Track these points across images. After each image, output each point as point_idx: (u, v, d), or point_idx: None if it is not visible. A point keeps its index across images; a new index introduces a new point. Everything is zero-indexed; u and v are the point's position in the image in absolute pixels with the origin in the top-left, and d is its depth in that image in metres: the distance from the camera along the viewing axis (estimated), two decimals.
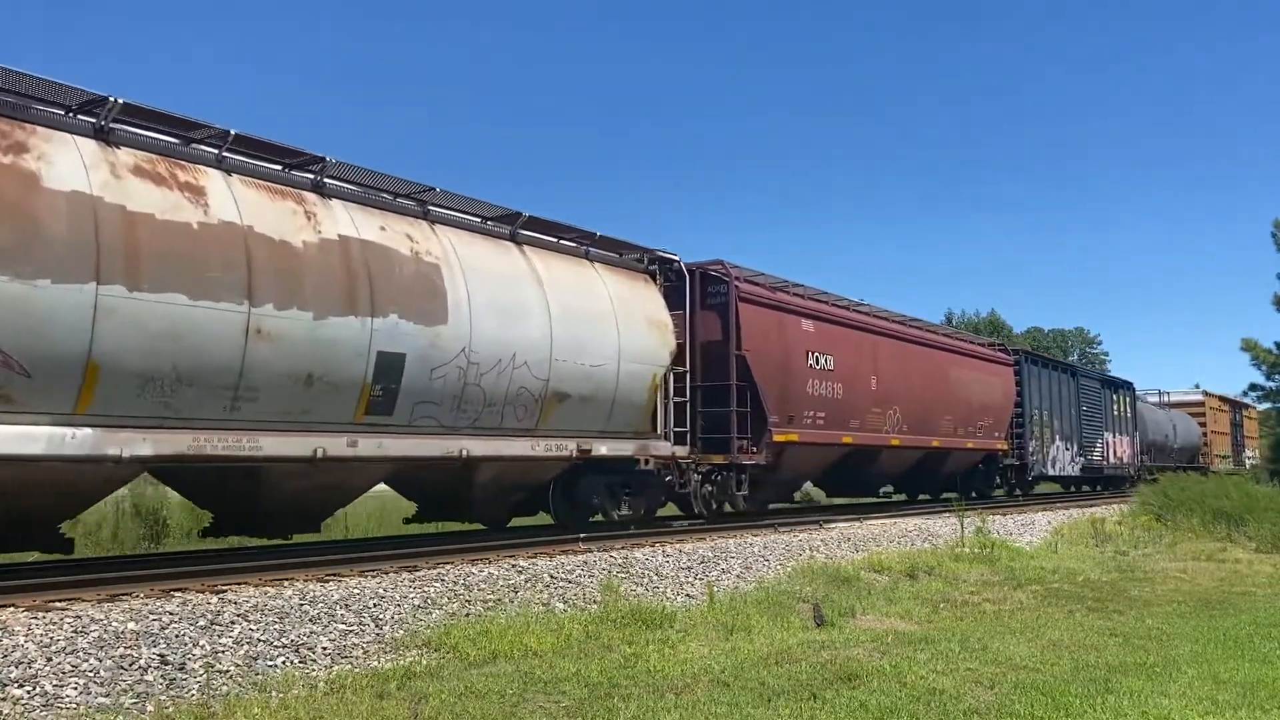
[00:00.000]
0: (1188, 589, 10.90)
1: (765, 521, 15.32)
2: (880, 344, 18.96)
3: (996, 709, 5.44)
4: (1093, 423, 29.60)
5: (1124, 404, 33.09)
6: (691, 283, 14.69)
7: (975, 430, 22.22)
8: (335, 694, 5.48)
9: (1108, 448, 30.99)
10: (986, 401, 22.83)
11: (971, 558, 12.73)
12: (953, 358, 21.81)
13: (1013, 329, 67.01)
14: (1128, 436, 33.05)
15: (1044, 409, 25.88)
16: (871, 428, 18.02)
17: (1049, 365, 27.75)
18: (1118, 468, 32.13)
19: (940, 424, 20.64)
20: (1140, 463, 34.26)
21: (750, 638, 7.38)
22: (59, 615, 6.33)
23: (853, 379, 17.39)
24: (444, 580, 8.48)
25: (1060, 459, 26.94)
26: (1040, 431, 25.53)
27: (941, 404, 20.71)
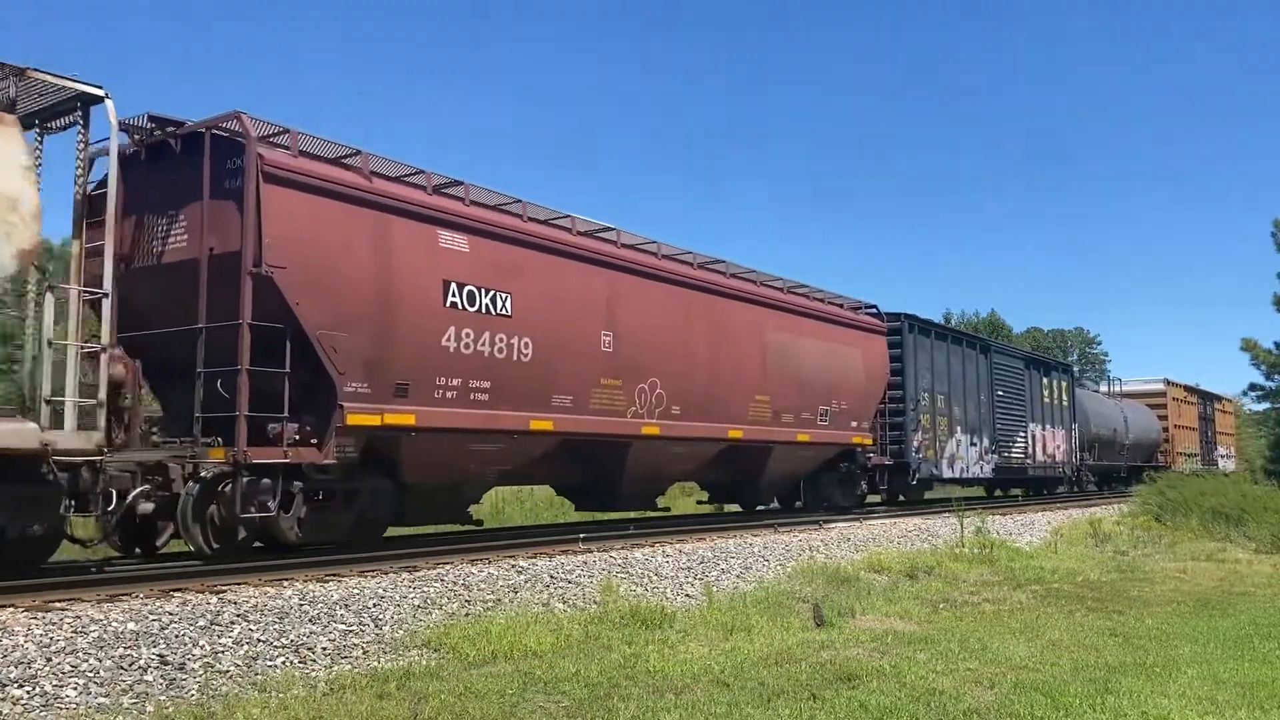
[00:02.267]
0: (1187, 589, 10.91)
1: (765, 521, 15.32)
2: (624, 287, 12.80)
3: (996, 709, 5.44)
4: (1012, 412, 24.56)
5: (1058, 390, 27.72)
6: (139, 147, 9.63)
7: (817, 418, 16.65)
8: (335, 694, 5.48)
9: (1033, 443, 25.75)
10: (837, 380, 17.22)
11: (971, 558, 12.74)
12: (772, 316, 15.77)
13: (1013, 329, 67.01)
14: (1062, 430, 27.80)
15: (939, 393, 20.72)
16: (604, 409, 12.37)
17: (947, 337, 22.04)
18: (1047, 467, 26.88)
19: (747, 408, 15.01)
20: (1080, 461, 29.40)
21: (750, 638, 7.39)
22: (59, 615, 6.33)
23: (557, 333, 11.65)
24: (444, 580, 8.49)
25: (963, 457, 21.70)
26: (933, 422, 20.41)
27: (749, 380, 15.07)
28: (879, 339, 19.04)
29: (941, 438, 20.88)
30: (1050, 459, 26.89)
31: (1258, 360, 31.36)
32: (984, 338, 25.06)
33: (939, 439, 20.70)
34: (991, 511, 18.25)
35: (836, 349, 17.49)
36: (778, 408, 15.77)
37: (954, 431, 21.47)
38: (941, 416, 20.93)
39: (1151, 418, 36.34)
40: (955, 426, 21.50)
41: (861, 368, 18.19)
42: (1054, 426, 27.28)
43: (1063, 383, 28.43)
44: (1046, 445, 26.63)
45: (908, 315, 20.10)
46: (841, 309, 18.21)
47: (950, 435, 21.28)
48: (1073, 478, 29.21)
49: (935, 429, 20.55)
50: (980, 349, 23.60)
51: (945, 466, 20.96)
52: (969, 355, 22.68)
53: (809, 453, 17.13)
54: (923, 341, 20.57)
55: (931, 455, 20.33)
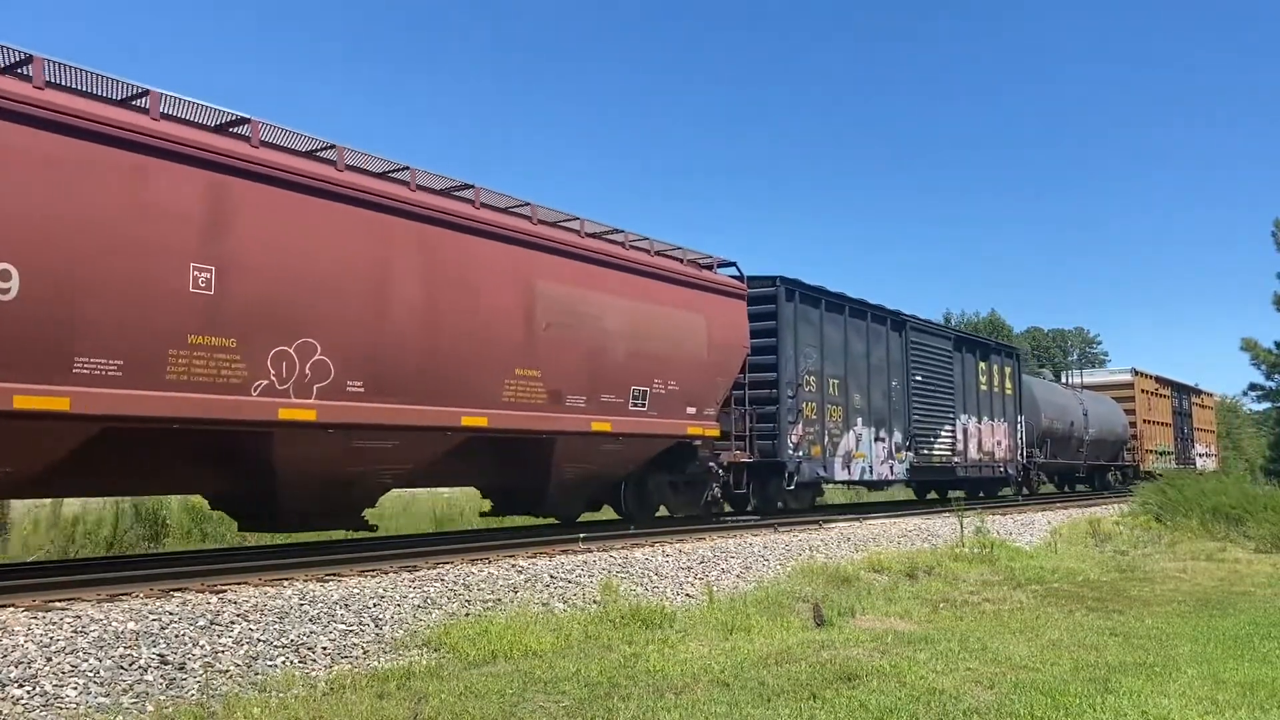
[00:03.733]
0: (1187, 589, 10.91)
1: (765, 521, 15.32)
2: (247, 201, 8.59)
3: (996, 709, 5.44)
4: (935, 402, 20.63)
5: (999, 377, 23.92)
6: None
7: (629, 401, 12.60)
8: (335, 694, 5.48)
9: (965, 438, 21.84)
10: (664, 352, 13.08)
11: (971, 557, 12.74)
12: (550, 262, 11.48)
13: (1013, 329, 66.99)
14: (1004, 423, 23.94)
15: (831, 376, 16.97)
16: (200, 382, 8.18)
17: (844, 309, 17.69)
18: (984, 466, 22.83)
19: (500, 386, 10.76)
20: (1027, 460, 25.48)
21: (750, 638, 7.39)
22: (59, 615, 6.33)
23: (78, 266, 7.46)
24: (444, 580, 8.48)
25: (865, 454, 17.80)
26: (821, 412, 16.51)
27: (504, 347, 10.81)
28: (735, 304, 14.65)
29: (834, 431, 16.85)
30: (988, 457, 22.96)
31: (1258, 360, 31.36)
32: (896, 310, 19.58)
33: (829, 433, 16.72)
34: (991, 511, 18.25)
35: (663, 313, 13.17)
36: (557, 386, 11.50)
37: (852, 424, 17.49)
38: (834, 405, 16.97)
39: (1117, 411, 32.88)
40: (854, 418, 17.57)
41: (705, 339, 13.86)
42: (994, 419, 23.35)
43: (1006, 368, 24.43)
44: (983, 441, 22.70)
45: (786, 279, 16.18)
46: (678, 263, 13.82)
47: (847, 428, 17.27)
48: (1019, 478, 25.13)
49: (824, 420, 16.58)
50: (892, 325, 19.39)
51: (838, 466, 16.92)
52: (875, 332, 18.65)
53: (618, 447, 12.67)
54: (807, 312, 16.57)
55: (818, 453, 16.28)
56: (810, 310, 16.77)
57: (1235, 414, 67.25)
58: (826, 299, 17.23)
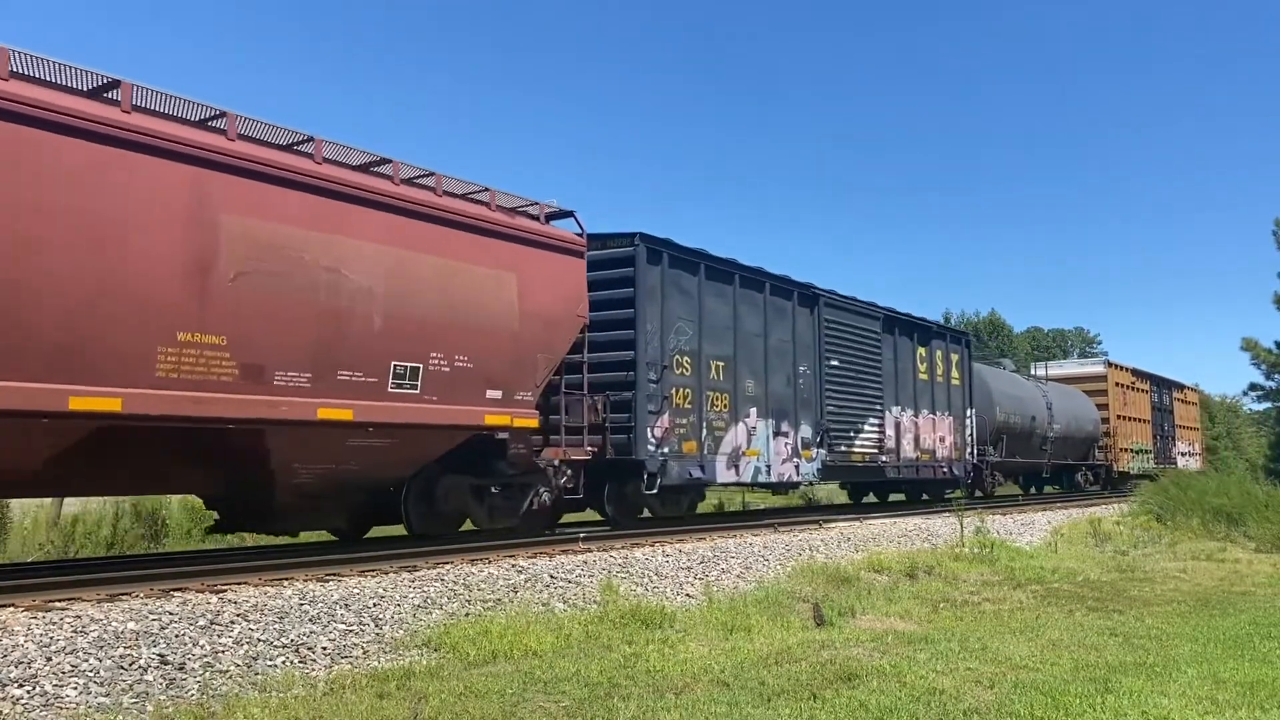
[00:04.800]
0: (1187, 589, 10.91)
1: (765, 521, 15.31)
2: None
3: (996, 709, 5.44)
4: (858, 391, 17.89)
5: (944, 366, 21.26)
6: None
7: (389, 381, 9.65)
8: (335, 694, 5.48)
9: (897, 434, 19.19)
10: (448, 318, 10.18)
11: (971, 557, 12.74)
12: (246, 189, 8.67)
13: (1013, 329, 66.99)
14: (949, 417, 21.27)
15: (714, 357, 14.31)
16: None
17: (733, 279, 14.96)
18: (923, 466, 20.20)
19: (152, 356, 7.99)
20: (979, 459, 22.96)
21: (750, 637, 7.39)
22: (59, 615, 6.33)
23: None
24: (444, 580, 8.49)
25: (760, 451, 15.10)
26: (698, 400, 13.85)
27: (158, 302, 8.02)
28: (568, 264, 11.72)
29: (715, 423, 14.21)
30: (928, 455, 20.34)
31: (1258, 360, 31.32)
32: (806, 284, 16.75)
33: (710, 425, 14.08)
34: (991, 511, 18.26)
35: (447, 268, 10.17)
36: (256, 359, 8.64)
37: (742, 415, 14.81)
38: (717, 392, 14.33)
39: (1087, 405, 30.27)
40: (746, 408, 14.92)
41: (514, 304, 10.84)
42: (936, 412, 20.75)
43: (953, 355, 21.74)
44: (921, 437, 20.15)
45: (649, 236, 13.43)
46: (480, 206, 10.71)
47: (734, 420, 14.63)
48: (967, 478, 22.46)
49: (702, 410, 13.92)
50: (800, 299, 16.54)
51: (721, 465, 14.25)
52: (777, 307, 15.93)
53: (377, 442, 9.66)
54: (680, 280, 13.92)
55: (692, 449, 13.68)
56: (686, 278, 14.09)
57: (1235, 414, 67.28)
58: (708, 265, 14.52)
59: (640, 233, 13.39)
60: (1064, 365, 34.96)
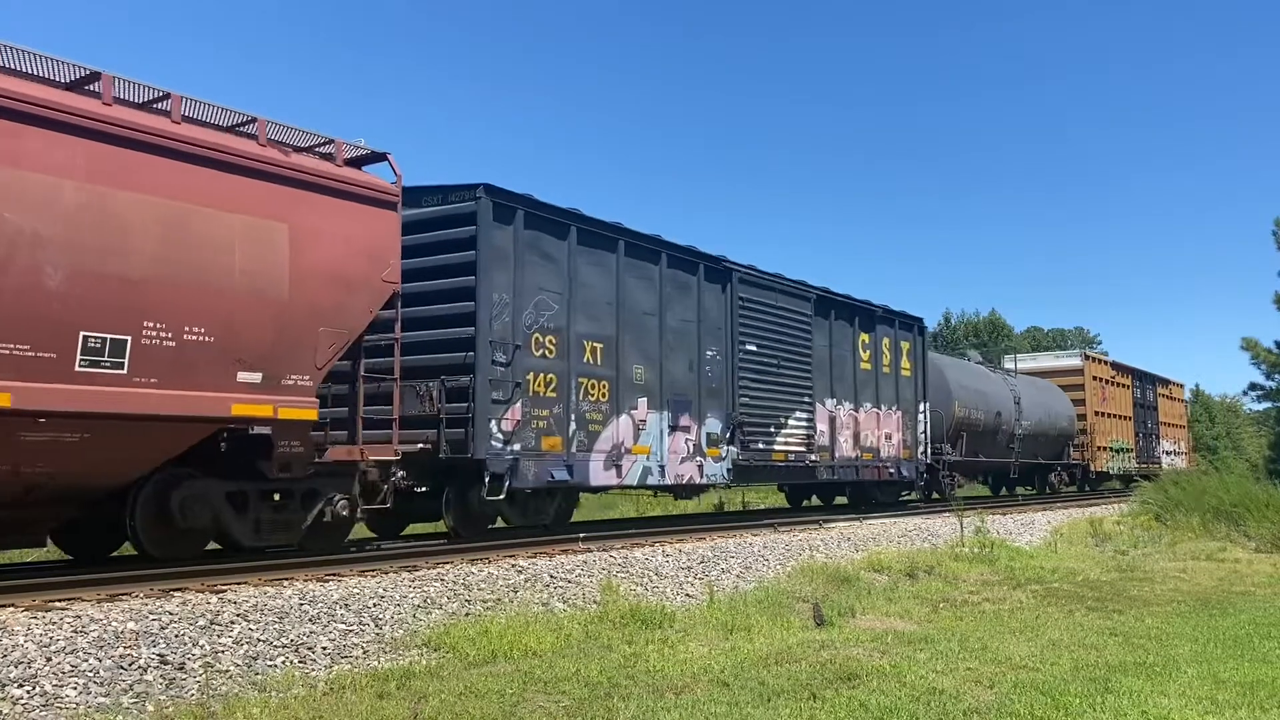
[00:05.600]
0: (1187, 589, 10.91)
1: (765, 521, 15.33)
2: None
3: (996, 709, 5.44)
4: (779, 381, 15.61)
5: (891, 354, 19.13)
6: None
7: (93, 359, 7.51)
8: (335, 694, 5.49)
9: (831, 430, 16.98)
10: (167, 276, 7.94)
11: (971, 557, 12.76)
12: None
13: (1013, 329, 67.03)
14: (897, 411, 19.12)
15: (588, 338, 12.15)
16: None
17: (611, 245, 12.74)
18: (865, 466, 17.96)
19: None
20: (934, 458, 20.77)
21: (750, 637, 7.40)
22: (59, 615, 6.33)
23: None
24: (444, 580, 8.49)
25: (650, 449, 12.93)
26: (566, 387, 11.75)
27: None
28: (374, 216, 9.49)
29: (590, 415, 12.05)
30: (870, 454, 18.18)
31: (1258, 360, 31.31)
32: (718, 257, 14.70)
33: (583, 418, 11.94)
34: (991, 511, 18.27)
35: (168, 211, 7.99)
36: None
37: (627, 406, 12.58)
38: (592, 379, 12.12)
39: (1062, 400, 27.97)
40: (632, 397, 12.71)
41: (283, 262, 8.65)
42: (881, 406, 18.65)
43: (903, 344, 19.67)
44: (862, 434, 17.95)
45: (499, 190, 11.14)
46: (242, 139, 8.63)
47: (617, 412, 12.41)
48: (919, 480, 20.38)
49: (572, 400, 11.75)
50: (708, 274, 14.38)
51: (598, 465, 12.13)
52: (677, 282, 13.77)
53: (74, 439, 7.59)
54: (543, 244, 11.67)
55: (555, 446, 11.54)
56: (551, 241, 11.80)
57: (1235, 414, 67.35)
58: (582, 227, 12.25)
59: (485, 184, 11.06)
60: (1038, 358, 32.46)
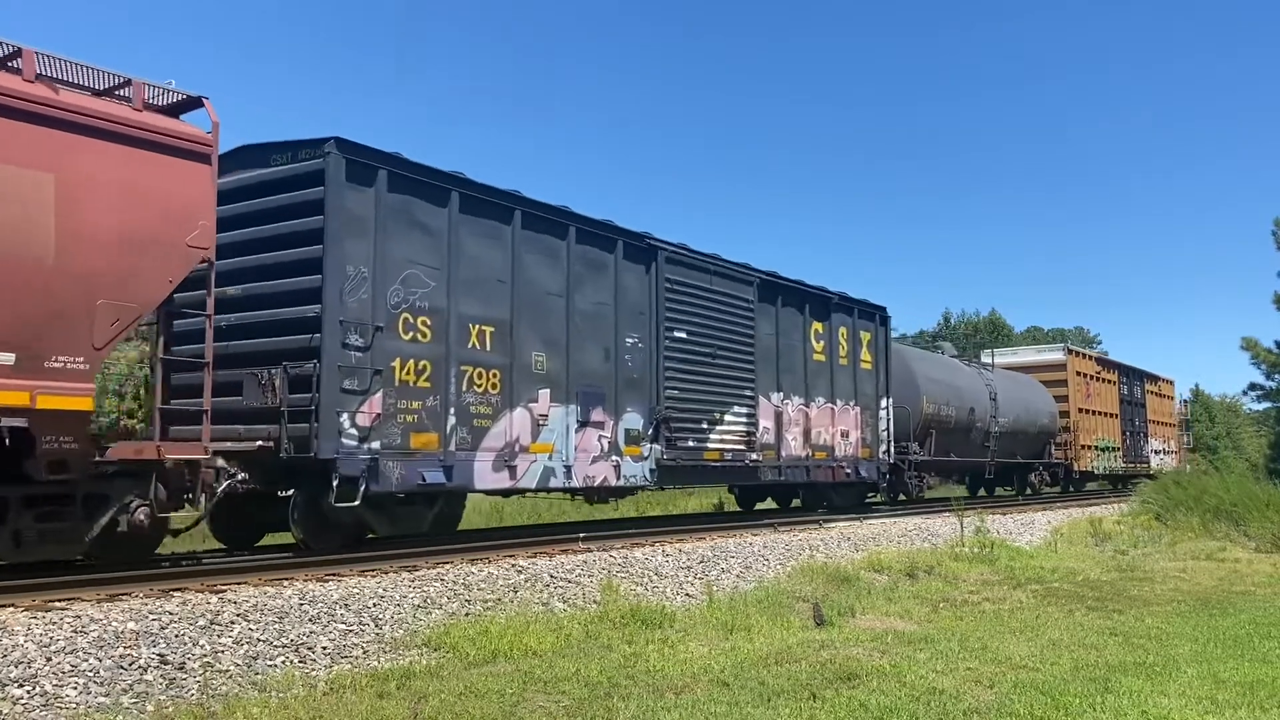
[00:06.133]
0: (1187, 588, 10.91)
1: (765, 521, 15.32)
2: None
3: (996, 708, 5.44)
4: (714, 372, 14.14)
5: (849, 345, 17.59)
6: None
7: None
8: (335, 693, 5.49)
9: (777, 427, 15.47)
10: None
11: (971, 557, 12.76)
12: None
13: (1014, 329, 67.03)
14: (855, 407, 17.55)
15: (472, 318, 10.60)
16: None
17: (505, 214, 11.16)
18: (815, 467, 16.38)
19: None
20: (901, 457, 19.46)
21: (750, 637, 7.40)
22: (59, 615, 6.33)
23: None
24: (444, 580, 8.49)
25: (560, 448, 11.50)
26: (444, 376, 10.25)
27: None
28: (179, 169, 7.93)
29: (477, 409, 10.50)
30: (824, 453, 16.61)
31: (1258, 360, 31.31)
32: (641, 233, 13.22)
33: (467, 411, 10.39)
34: (991, 511, 18.26)
35: None
36: None
37: (524, 398, 11.03)
38: (481, 367, 10.57)
39: (1042, 397, 26.59)
40: (533, 389, 11.18)
41: (46, 220, 7.16)
42: (837, 401, 17.06)
43: (863, 334, 18.06)
44: (814, 431, 16.36)
45: (352, 145, 9.61)
46: None
47: (510, 405, 10.86)
48: (882, 480, 18.84)
49: (452, 390, 10.24)
50: (628, 252, 12.89)
51: (487, 466, 10.59)
52: (590, 259, 12.26)
53: None
54: (416, 210, 10.15)
55: (431, 444, 10.00)
56: (426, 209, 10.21)
57: (1235, 414, 67.36)
58: (466, 194, 10.61)
59: (337, 138, 9.51)
60: (1019, 352, 31.05)
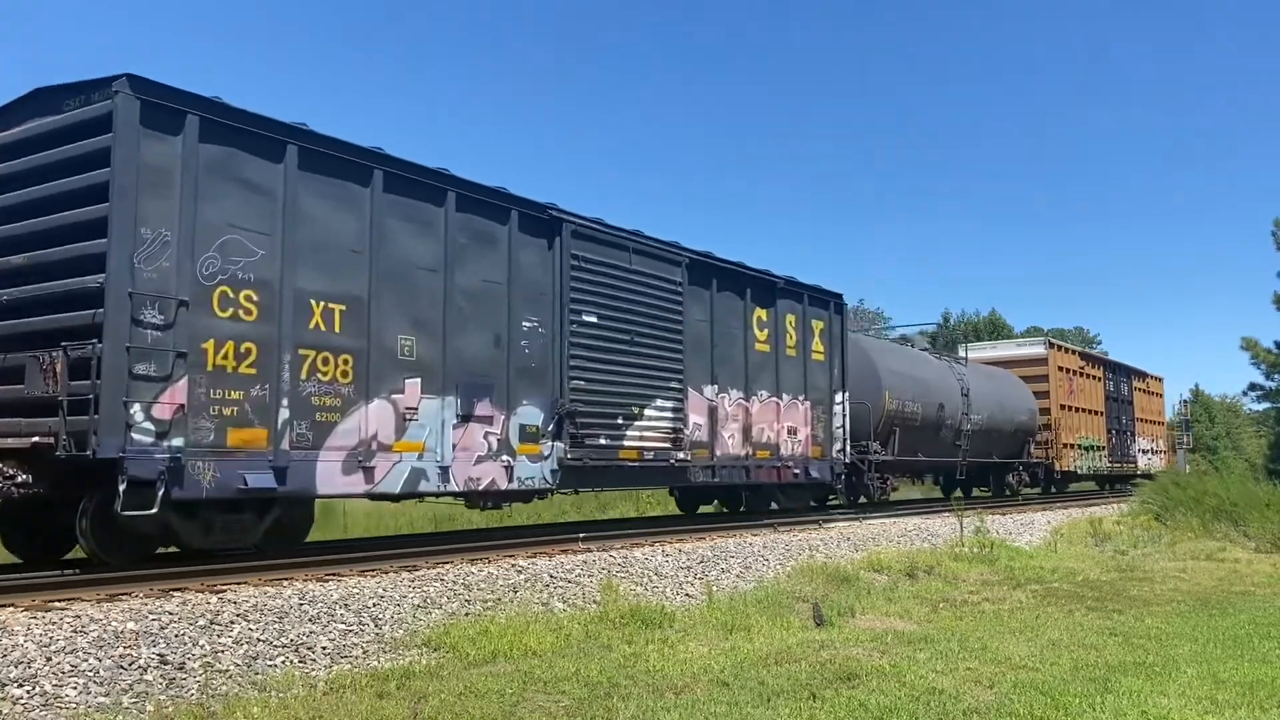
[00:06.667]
0: (1187, 588, 10.92)
1: (765, 521, 15.32)
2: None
3: (996, 708, 5.44)
4: (635, 360, 12.66)
5: (799, 334, 16.03)
6: None
7: None
8: (335, 693, 5.49)
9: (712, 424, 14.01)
10: None
11: (971, 557, 12.76)
12: None
13: (1014, 329, 67.06)
14: (803, 402, 16.01)
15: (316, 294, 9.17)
16: None
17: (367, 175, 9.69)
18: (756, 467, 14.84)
19: None
20: (861, 456, 17.97)
21: (750, 637, 7.40)
22: (58, 615, 6.33)
23: None
24: (443, 580, 8.49)
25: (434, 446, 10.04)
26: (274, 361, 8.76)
27: None
28: None
29: (321, 400, 9.10)
30: (766, 452, 15.13)
31: (1258, 360, 31.33)
32: (544, 204, 11.70)
33: (307, 403, 8.97)
34: (991, 511, 18.27)
35: None
36: None
37: (386, 388, 9.64)
38: (327, 351, 9.16)
39: (1020, 393, 25.03)
40: (398, 377, 9.77)
41: None
42: (783, 395, 15.56)
43: (814, 323, 16.58)
44: (755, 429, 14.89)
45: (150, 84, 8.08)
46: None
47: (367, 396, 9.43)
48: (837, 482, 17.29)
49: (286, 378, 8.81)
50: (525, 223, 11.32)
51: (336, 467, 9.18)
52: (478, 230, 10.74)
53: None
54: (241, 165, 8.70)
55: (256, 442, 8.59)
56: (256, 166, 8.76)
57: (1235, 414, 67.40)
58: (309, 149, 9.14)
59: (130, 75, 7.94)
60: (998, 346, 29.47)
